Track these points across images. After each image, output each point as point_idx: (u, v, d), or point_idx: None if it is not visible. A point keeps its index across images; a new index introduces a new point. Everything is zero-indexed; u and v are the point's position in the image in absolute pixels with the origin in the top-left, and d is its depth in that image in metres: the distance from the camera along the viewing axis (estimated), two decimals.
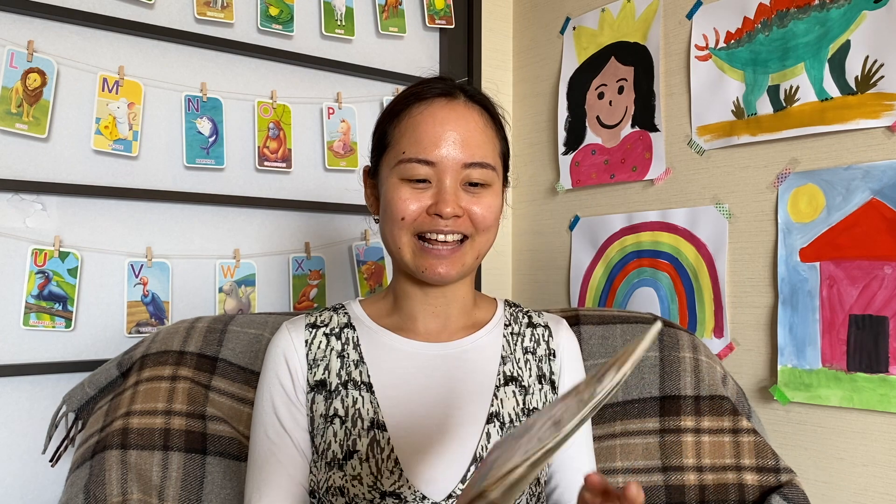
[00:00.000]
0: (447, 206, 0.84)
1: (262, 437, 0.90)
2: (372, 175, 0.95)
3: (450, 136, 0.86)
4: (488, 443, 0.86)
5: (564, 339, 0.98)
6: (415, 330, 0.93)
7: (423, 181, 0.86)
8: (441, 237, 0.86)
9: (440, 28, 1.82)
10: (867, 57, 1.21)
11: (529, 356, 0.94)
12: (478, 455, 0.86)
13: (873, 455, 1.20)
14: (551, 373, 0.95)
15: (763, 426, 1.22)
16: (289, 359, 0.91)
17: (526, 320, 0.98)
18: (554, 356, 0.96)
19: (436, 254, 0.86)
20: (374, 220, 0.95)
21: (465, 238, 0.88)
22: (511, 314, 0.98)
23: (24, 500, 1.29)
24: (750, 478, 1.10)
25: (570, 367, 0.96)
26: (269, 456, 0.89)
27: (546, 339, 0.97)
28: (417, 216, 0.86)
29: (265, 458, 0.89)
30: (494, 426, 0.88)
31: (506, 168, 0.95)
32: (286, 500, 0.88)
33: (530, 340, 0.96)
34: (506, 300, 1.02)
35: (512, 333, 0.96)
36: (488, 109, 0.92)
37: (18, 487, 1.29)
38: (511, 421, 0.89)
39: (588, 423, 0.99)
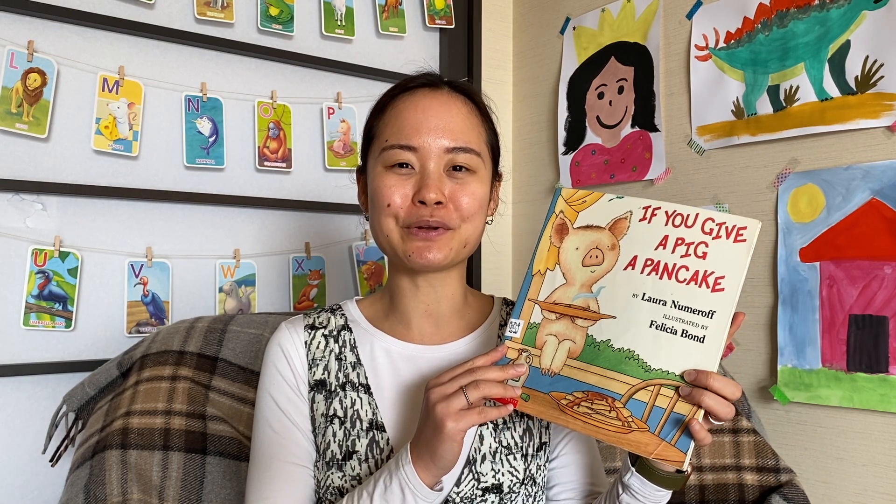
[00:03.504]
0: (430, 191, 0.84)
1: (266, 432, 0.90)
2: (362, 172, 0.96)
3: (432, 121, 0.86)
4: (481, 444, 0.86)
5: None
6: (409, 332, 0.93)
7: (406, 165, 0.86)
8: (426, 227, 0.86)
9: (440, 28, 1.82)
10: (867, 57, 1.21)
11: None
12: (471, 457, 0.86)
13: (873, 455, 1.20)
14: None
15: (763, 426, 1.22)
16: (289, 355, 0.91)
17: None
18: None
19: (423, 236, 0.86)
20: (365, 217, 0.95)
21: (450, 229, 0.88)
22: (507, 313, 0.98)
23: (24, 500, 1.29)
24: (750, 478, 1.10)
25: None
26: (277, 450, 0.88)
27: None
28: (403, 205, 0.86)
29: (272, 452, 0.88)
30: (488, 427, 0.88)
31: (495, 160, 0.95)
32: (299, 491, 0.87)
33: None
34: (504, 299, 1.01)
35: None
36: (473, 99, 0.92)
37: (18, 487, 1.29)
38: (504, 422, 0.89)
39: None
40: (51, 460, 1.17)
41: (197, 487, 1.07)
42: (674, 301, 0.74)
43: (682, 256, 0.75)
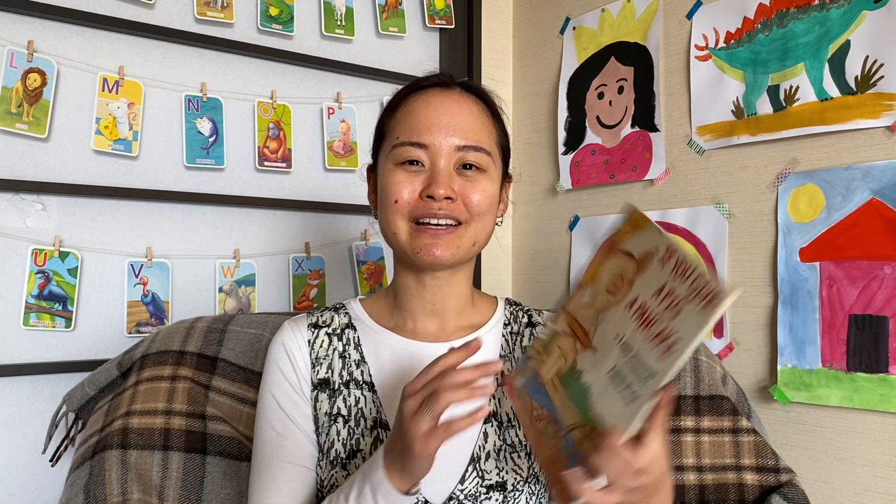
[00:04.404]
0: (439, 187, 0.84)
1: (269, 432, 0.90)
2: (372, 170, 0.96)
3: (443, 119, 0.86)
4: (485, 442, 0.86)
5: None
6: (413, 330, 0.93)
7: (417, 163, 0.86)
8: (434, 221, 0.86)
9: (440, 28, 1.82)
10: (867, 57, 1.21)
11: None
12: (475, 455, 0.86)
13: (873, 455, 1.20)
14: None
15: (763, 426, 1.22)
16: (292, 354, 0.91)
17: (525, 319, 0.98)
18: None
19: (432, 233, 0.85)
20: (374, 216, 0.95)
21: (459, 223, 0.87)
22: (511, 313, 0.98)
23: (24, 500, 1.29)
24: (750, 478, 1.10)
25: None
26: (278, 450, 0.88)
27: None
28: (411, 200, 0.86)
29: (273, 452, 0.89)
30: (492, 425, 0.88)
31: (505, 161, 0.95)
32: (300, 491, 0.87)
33: (529, 339, 0.96)
34: (507, 299, 1.01)
35: (511, 333, 0.95)
36: (485, 100, 0.92)
37: (18, 487, 1.29)
38: (509, 420, 0.89)
39: None
40: (51, 460, 1.17)
41: (197, 487, 1.07)
42: (636, 353, 0.69)
43: (664, 309, 0.69)
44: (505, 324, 0.96)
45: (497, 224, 0.93)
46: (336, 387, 0.89)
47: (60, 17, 1.33)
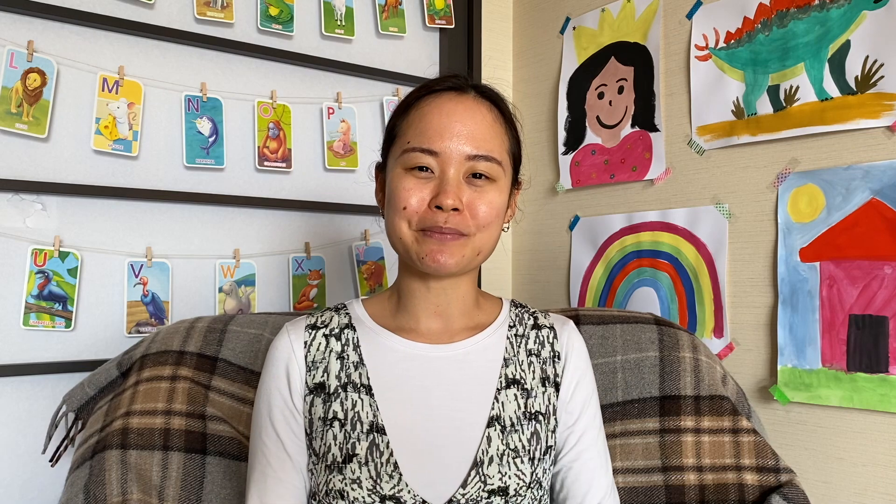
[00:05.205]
0: (448, 197, 0.84)
1: (258, 441, 0.91)
2: (381, 169, 0.96)
3: (456, 127, 0.86)
4: (489, 447, 0.86)
5: (570, 341, 0.96)
6: (416, 331, 0.92)
7: (426, 169, 0.86)
8: (440, 231, 0.86)
9: (440, 28, 1.82)
10: (867, 57, 1.21)
11: (533, 358, 0.93)
12: (478, 459, 0.85)
13: (873, 455, 1.20)
14: (555, 375, 0.94)
15: (763, 426, 1.22)
16: (287, 364, 0.91)
17: (531, 321, 0.97)
18: (558, 358, 0.95)
19: (437, 239, 0.85)
20: (381, 214, 0.95)
21: (462, 235, 0.88)
22: (517, 315, 0.97)
23: (24, 500, 1.29)
24: (750, 478, 1.10)
25: (574, 369, 0.95)
26: (263, 461, 0.90)
27: (551, 340, 0.95)
28: (419, 209, 0.86)
29: (261, 462, 0.90)
30: (495, 430, 0.87)
31: (516, 169, 0.95)
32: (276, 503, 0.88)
33: (535, 342, 0.95)
34: (512, 300, 1.01)
35: (516, 335, 0.95)
36: (499, 107, 0.92)
37: (18, 487, 1.29)
38: (512, 424, 0.88)
39: (601, 431, 0.98)
40: (51, 460, 1.17)
41: (197, 487, 1.07)
42: None
43: None
44: (510, 326, 0.95)
45: (503, 230, 0.93)
46: (332, 390, 0.89)
47: (60, 17, 1.33)
